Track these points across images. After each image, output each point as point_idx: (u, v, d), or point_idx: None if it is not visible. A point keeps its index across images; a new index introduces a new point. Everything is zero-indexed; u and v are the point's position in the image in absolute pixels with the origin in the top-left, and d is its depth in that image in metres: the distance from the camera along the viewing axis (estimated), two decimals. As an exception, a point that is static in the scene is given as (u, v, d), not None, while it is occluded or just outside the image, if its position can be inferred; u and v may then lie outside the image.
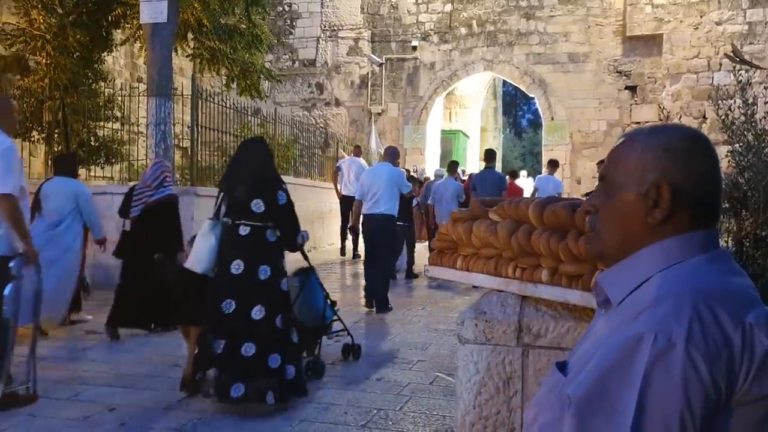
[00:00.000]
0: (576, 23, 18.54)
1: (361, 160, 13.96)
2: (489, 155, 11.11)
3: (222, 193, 4.66)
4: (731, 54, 5.54)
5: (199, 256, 4.52)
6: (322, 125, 20.01)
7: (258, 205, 4.43)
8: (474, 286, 7.02)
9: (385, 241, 8.01)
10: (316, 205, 14.46)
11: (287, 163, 14.97)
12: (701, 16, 17.33)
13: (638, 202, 1.16)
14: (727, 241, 3.23)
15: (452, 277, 3.13)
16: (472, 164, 21.60)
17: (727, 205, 3.19)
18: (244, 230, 4.43)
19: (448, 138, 22.31)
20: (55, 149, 12.05)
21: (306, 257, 5.27)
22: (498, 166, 25.33)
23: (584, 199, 2.60)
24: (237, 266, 4.34)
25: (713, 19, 17.24)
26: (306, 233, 4.79)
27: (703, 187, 1.16)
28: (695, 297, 1.03)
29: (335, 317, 5.57)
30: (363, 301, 8.13)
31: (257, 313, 4.27)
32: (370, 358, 5.69)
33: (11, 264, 3.72)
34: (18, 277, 3.85)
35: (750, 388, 1.00)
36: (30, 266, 3.82)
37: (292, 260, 4.94)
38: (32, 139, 11.73)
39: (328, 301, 5.42)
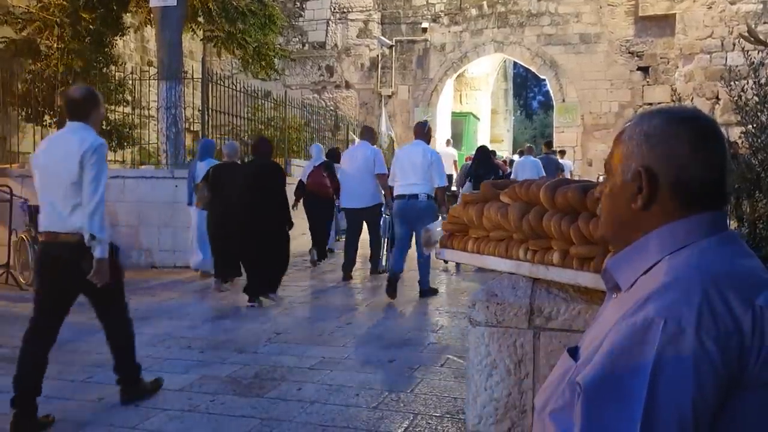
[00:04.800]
0: (588, 3, 18.34)
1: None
2: (548, 144, 15.63)
3: (468, 170, 10.28)
4: (746, 34, 5.47)
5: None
6: (332, 108, 19.98)
7: (489, 177, 8.92)
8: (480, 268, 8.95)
9: None
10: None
11: (298, 147, 14.95)
12: (715, -4, 17.11)
13: (625, 189, 1.18)
14: (740, 223, 3.21)
15: (463, 260, 3.13)
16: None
17: (740, 187, 3.17)
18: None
19: (459, 120, 22.20)
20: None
21: None
22: (509, 149, 25.44)
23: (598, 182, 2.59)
24: None
25: (727, -2, 17.01)
26: None
27: (688, 170, 1.13)
28: (704, 281, 1.02)
29: None
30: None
31: None
32: (381, 341, 5.72)
33: (383, 209, 6.39)
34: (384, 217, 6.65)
35: (761, 372, 1.00)
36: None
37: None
38: (44, 123, 11.79)
39: None
